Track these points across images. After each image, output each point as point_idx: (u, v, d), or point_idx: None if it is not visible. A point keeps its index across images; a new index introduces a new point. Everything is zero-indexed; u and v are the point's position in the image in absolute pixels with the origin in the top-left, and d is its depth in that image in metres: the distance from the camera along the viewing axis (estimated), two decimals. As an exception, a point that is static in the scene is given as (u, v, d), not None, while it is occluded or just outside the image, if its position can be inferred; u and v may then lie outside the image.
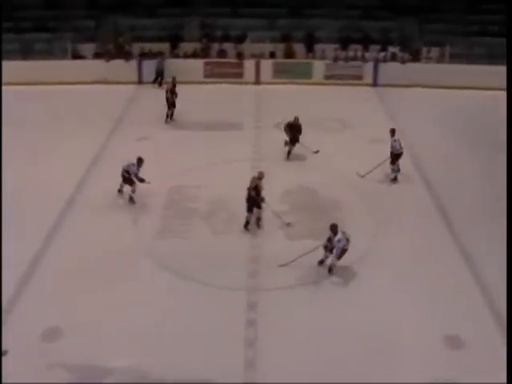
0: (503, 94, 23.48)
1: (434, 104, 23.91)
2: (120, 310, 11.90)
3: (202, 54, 27.03)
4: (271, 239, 14.55)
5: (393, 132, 17.75)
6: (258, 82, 26.60)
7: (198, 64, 25.88)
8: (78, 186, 16.90)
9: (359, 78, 26.66)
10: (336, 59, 26.91)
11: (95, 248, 13.87)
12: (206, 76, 26.44)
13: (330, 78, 26.69)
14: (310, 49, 27.62)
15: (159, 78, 25.80)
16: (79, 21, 27.95)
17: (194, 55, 26.93)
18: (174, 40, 27.49)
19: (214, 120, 21.96)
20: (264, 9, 29.06)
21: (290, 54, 27.46)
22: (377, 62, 26.89)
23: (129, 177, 15.97)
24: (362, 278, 13.18)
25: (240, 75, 26.57)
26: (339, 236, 13.14)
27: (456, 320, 12.04)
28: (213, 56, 27.19)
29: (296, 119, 18.68)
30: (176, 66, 25.19)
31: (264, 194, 14.64)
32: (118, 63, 26.33)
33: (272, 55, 27.42)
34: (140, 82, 26.49)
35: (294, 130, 18.62)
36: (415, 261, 13.90)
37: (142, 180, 15.84)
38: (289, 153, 18.79)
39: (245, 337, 11.38)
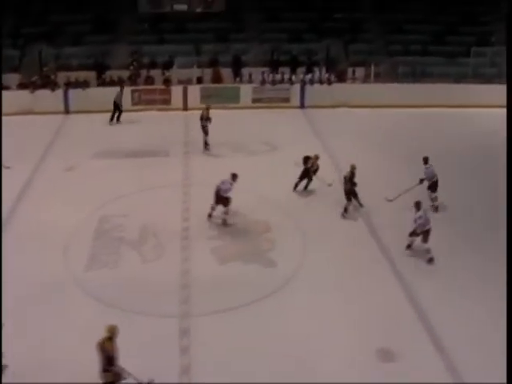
0: (429, 111, 24.31)
1: (361, 123, 24.46)
2: (48, 342, 11.66)
3: (130, 81, 26.91)
4: (201, 264, 14.47)
5: (425, 160, 17.29)
6: (185, 107, 26.59)
7: (125, 91, 25.68)
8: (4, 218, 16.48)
9: (287, 100, 27.06)
10: (263, 82, 27.22)
11: (22, 279, 13.52)
12: (133, 104, 26.30)
13: (258, 101, 26.98)
14: (237, 73, 27.89)
15: (118, 111, 24.96)
16: (3, 50, 27.46)
17: (121, 82, 26.81)
18: (100, 68, 27.34)
19: (142, 147, 21.81)
20: (190, 34, 29.30)
21: (217, 79, 27.66)
22: (304, 84, 27.31)
23: (222, 196, 15.86)
24: (294, 296, 13.26)
25: (168, 101, 26.58)
26: (420, 213, 14.41)
27: (388, 333, 12.23)
28: (140, 83, 27.13)
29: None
30: (102, 94, 25.05)
31: (192, 217, 14.62)
32: (44, 93, 25.94)
33: (199, 80, 27.55)
34: (67, 111, 26.15)
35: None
36: (345, 276, 14.11)
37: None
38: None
39: (180, 364, 11.27)
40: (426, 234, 14.61)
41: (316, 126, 24.18)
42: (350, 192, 16.85)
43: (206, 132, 21.58)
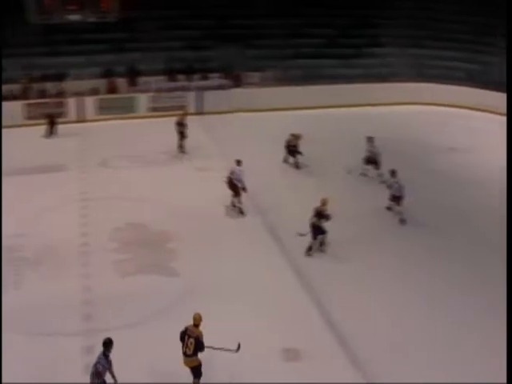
0: (324, 112, 24.88)
1: (257, 127, 24.79)
2: None
3: (22, 95, 26.14)
4: (102, 279, 14.31)
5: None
6: (81, 119, 26.08)
7: (17, 106, 24.96)
8: None
9: (184, 107, 27.02)
10: (159, 91, 27.11)
11: None
12: (26, 118, 25.51)
13: (155, 110, 26.84)
14: (133, 82, 27.64)
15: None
16: None
17: (14, 97, 26.04)
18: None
19: (36, 163, 21.14)
20: (84, 46, 28.72)
21: (112, 90, 27.30)
22: (200, 90, 27.37)
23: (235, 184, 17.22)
24: (198, 304, 13.00)
25: (63, 114, 25.92)
26: (395, 180, 17.07)
27: (293, 333, 12.53)
28: (33, 97, 26.42)
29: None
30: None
31: (91, 232, 14.40)
32: None
33: (95, 92, 27.11)
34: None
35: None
36: (250, 283, 14.30)
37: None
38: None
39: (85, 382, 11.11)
40: (398, 199, 16.97)
41: (214, 133, 24.32)
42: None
43: (183, 137, 22.14)
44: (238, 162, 17.56)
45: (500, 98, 28.20)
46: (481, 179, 20.78)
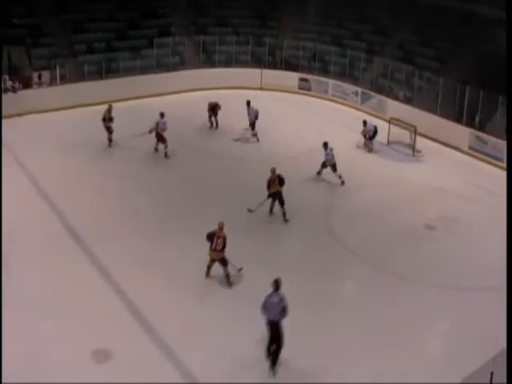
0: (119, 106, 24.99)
1: (51, 127, 24.47)
2: None
3: None
4: None
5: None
6: None
7: None
8: None
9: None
10: None
11: None
12: None
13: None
14: None
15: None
16: None
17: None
18: None
19: None
20: None
21: None
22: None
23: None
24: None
25: None
26: (327, 151, 20.29)
27: (104, 333, 12.83)
28: None
29: None
30: None
31: None
32: None
33: None
34: None
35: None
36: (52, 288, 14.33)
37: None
38: None
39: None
40: (333, 166, 20.22)
41: (4, 139, 22.64)
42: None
43: (110, 132, 22.92)
44: (162, 115, 22.08)
45: (281, 76, 30.43)
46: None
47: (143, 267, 15.26)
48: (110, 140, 23.08)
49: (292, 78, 31.29)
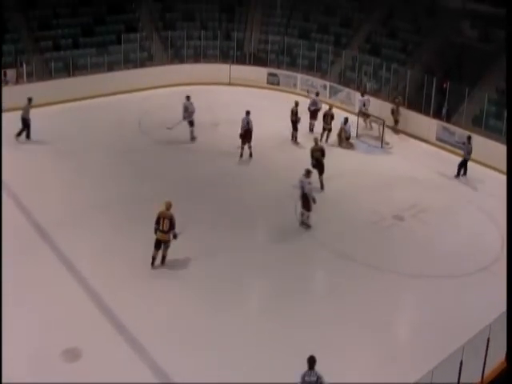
0: (86, 104, 24.84)
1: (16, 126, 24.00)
2: None
3: None
4: None
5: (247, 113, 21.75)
6: None
7: None
8: None
9: None
10: None
11: None
12: None
13: None
14: None
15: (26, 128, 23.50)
16: None
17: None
18: None
19: None
20: None
21: None
22: None
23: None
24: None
25: None
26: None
27: (72, 332, 12.73)
28: None
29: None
30: None
31: None
32: None
33: None
34: None
35: None
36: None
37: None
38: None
39: None
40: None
41: None
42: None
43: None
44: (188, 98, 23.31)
45: (250, 71, 30.55)
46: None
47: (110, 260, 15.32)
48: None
49: (261, 72, 31.26)
